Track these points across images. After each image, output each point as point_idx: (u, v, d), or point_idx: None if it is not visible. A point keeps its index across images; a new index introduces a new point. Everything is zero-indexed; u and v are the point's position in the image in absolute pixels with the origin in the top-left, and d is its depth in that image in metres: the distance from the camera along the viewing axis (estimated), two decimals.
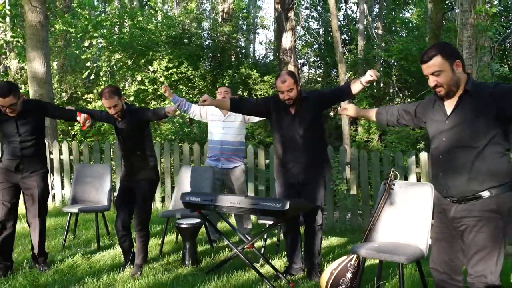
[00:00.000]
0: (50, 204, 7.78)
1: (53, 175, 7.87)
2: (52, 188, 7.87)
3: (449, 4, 7.64)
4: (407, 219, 3.71)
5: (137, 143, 4.36)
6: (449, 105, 2.73)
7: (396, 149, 9.33)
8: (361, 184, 6.44)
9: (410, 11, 17.52)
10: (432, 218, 3.16)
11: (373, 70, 3.98)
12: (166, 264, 4.64)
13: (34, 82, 7.97)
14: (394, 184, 3.81)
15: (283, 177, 4.27)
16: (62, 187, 7.88)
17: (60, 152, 7.87)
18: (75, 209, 5.33)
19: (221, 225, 6.21)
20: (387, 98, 14.85)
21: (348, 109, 3.56)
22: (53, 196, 7.89)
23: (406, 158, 6.52)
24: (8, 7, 9.56)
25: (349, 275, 3.70)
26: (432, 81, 2.68)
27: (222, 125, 5.42)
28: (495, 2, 7.69)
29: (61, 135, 11.56)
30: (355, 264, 3.72)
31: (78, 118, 4.27)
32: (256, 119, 5.46)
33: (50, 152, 7.83)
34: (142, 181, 4.35)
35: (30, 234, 4.44)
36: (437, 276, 2.88)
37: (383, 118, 3.31)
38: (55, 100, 11.18)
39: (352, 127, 13.88)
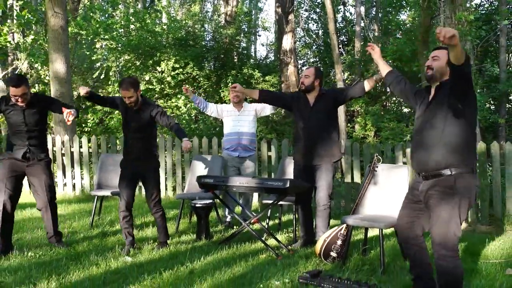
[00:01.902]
0: (71, 192, 8.55)
1: (73, 167, 8.59)
2: (72, 178, 8.60)
3: (435, 10, 8.35)
4: (387, 195, 4.44)
5: (148, 132, 4.87)
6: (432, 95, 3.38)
7: (391, 144, 10.04)
8: (354, 173, 7.15)
9: (405, 14, 18.18)
10: None
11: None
12: (183, 239, 5.36)
13: (56, 81, 8.70)
14: (377, 167, 4.54)
15: (298, 160, 5.02)
16: (82, 178, 8.61)
17: (80, 146, 8.59)
18: (107, 192, 6.03)
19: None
20: (383, 97, 15.52)
21: (374, 50, 3.97)
22: (73, 186, 8.61)
23: (394, 150, 7.23)
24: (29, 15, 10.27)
25: (339, 242, 4.42)
26: (428, 62, 3.36)
27: (238, 119, 6.15)
28: (474, 10, 8.41)
29: (79, 131, 12.26)
30: (344, 233, 4.45)
31: (64, 114, 4.64)
32: (266, 112, 6.29)
33: (70, 146, 8.56)
34: (151, 166, 4.90)
35: (43, 219, 4.86)
36: (399, 235, 3.54)
37: (390, 79, 3.81)
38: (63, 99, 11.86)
39: (349, 124, 14.61)
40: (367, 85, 4.81)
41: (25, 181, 4.95)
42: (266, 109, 6.23)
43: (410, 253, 3.50)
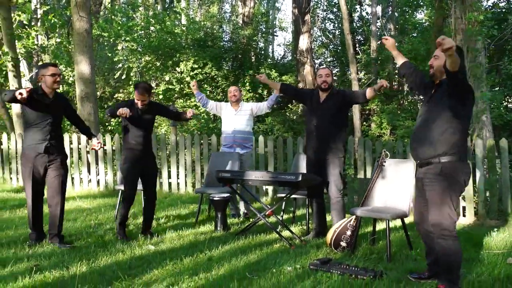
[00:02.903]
0: (95, 188, 8.95)
1: (97, 164, 8.99)
2: (97, 175, 9.00)
3: (447, 10, 8.52)
4: (394, 188, 4.69)
5: (150, 131, 5.42)
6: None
7: (407, 143, 10.23)
8: (367, 169, 7.39)
9: (422, 13, 18.25)
10: None
11: (383, 80, 5.02)
12: (202, 231, 5.68)
13: (81, 82, 9.11)
14: (385, 162, 4.79)
15: (308, 153, 5.34)
16: (105, 174, 9.00)
17: (103, 144, 8.98)
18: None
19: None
20: (399, 96, 15.64)
21: (388, 40, 4.11)
22: (98, 182, 9.01)
23: (406, 146, 7.44)
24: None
25: (348, 232, 4.69)
26: (431, 60, 3.67)
27: (234, 118, 6.54)
28: (485, 10, 8.55)
29: (103, 130, 12.69)
30: (354, 224, 4.71)
31: (92, 143, 5.21)
32: (262, 112, 6.73)
33: (87, 145, 8.95)
34: (152, 162, 5.42)
35: (52, 212, 4.85)
36: (416, 227, 3.84)
37: (403, 71, 4.02)
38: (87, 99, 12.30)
39: (365, 123, 14.80)
40: (369, 93, 5.10)
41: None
42: (262, 109, 6.64)
43: (426, 241, 3.80)
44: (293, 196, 5.70)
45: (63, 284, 3.62)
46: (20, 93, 4.28)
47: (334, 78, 19.82)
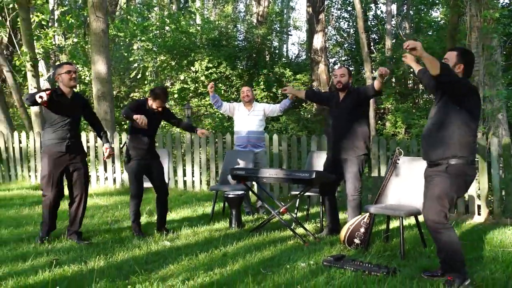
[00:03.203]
0: (112, 186, 9.07)
1: (113, 162, 9.12)
2: (113, 173, 9.13)
3: (462, 8, 8.49)
4: (408, 186, 4.70)
5: (156, 132, 5.57)
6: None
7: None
8: (381, 167, 7.39)
9: (437, 11, 18.13)
10: None
11: (382, 67, 4.94)
12: (217, 227, 5.75)
13: (98, 81, 9.25)
14: (399, 159, 4.81)
15: (327, 152, 5.39)
16: (122, 172, 9.12)
17: (119, 142, 9.11)
18: (148, 184, 6.45)
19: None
20: (415, 95, 15.58)
21: (407, 57, 3.95)
22: (114, 179, 9.14)
23: (420, 144, 7.43)
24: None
25: (362, 229, 4.71)
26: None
27: (248, 119, 6.66)
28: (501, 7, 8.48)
29: (118, 129, 12.86)
30: (367, 221, 4.73)
31: (104, 149, 5.21)
32: (274, 114, 6.87)
33: (111, 142, 9.08)
34: (157, 160, 5.50)
35: (74, 210, 4.95)
36: (426, 223, 3.87)
37: (420, 75, 3.98)
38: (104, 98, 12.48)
39: (379, 122, 14.77)
40: (376, 84, 5.05)
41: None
42: (274, 111, 6.78)
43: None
44: (307, 193, 5.74)
45: (82, 277, 3.70)
46: (41, 97, 4.35)
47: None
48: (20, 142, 9.78)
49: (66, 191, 5.10)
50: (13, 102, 13.72)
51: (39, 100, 4.38)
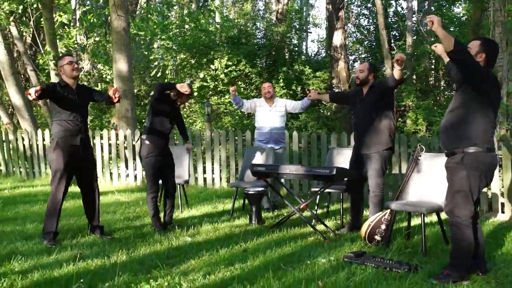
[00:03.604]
0: (133, 183, 9.17)
1: (135, 159, 9.22)
2: (134, 170, 9.23)
3: (486, 3, 8.35)
4: (429, 182, 4.66)
5: (173, 126, 5.67)
6: None
7: None
8: (402, 164, 7.33)
9: (459, 6, 17.86)
10: None
11: (397, 54, 4.80)
12: (237, 224, 5.77)
13: (119, 79, 9.36)
14: (420, 155, 4.76)
15: (354, 147, 5.36)
16: (142, 169, 9.21)
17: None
18: None
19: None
20: (436, 92, 15.37)
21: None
22: (135, 176, 9.24)
23: None
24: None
25: (383, 226, 4.68)
26: None
27: (270, 115, 6.70)
28: None
29: (139, 127, 12.99)
30: (388, 218, 4.70)
31: (109, 92, 5.02)
32: (295, 111, 6.94)
33: (132, 140, 9.18)
34: (172, 156, 5.58)
35: (90, 205, 4.97)
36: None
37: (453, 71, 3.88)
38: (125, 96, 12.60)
39: (400, 119, 14.62)
40: (396, 74, 4.93)
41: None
42: (296, 108, 6.82)
43: None
44: (327, 190, 5.72)
45: (105, 271, 3.76)
46: (29, 93, 4.28)
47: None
48: (43, 139, 9.96)
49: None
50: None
51: (29, 97, 4.34)
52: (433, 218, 5.64)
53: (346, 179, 5.34)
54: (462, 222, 3.51)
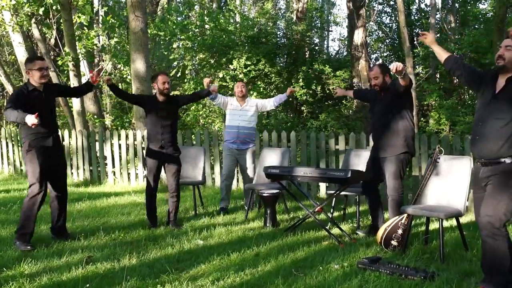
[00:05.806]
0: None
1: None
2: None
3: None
4: (448, 186, 4.49)
5: (174, 122, 5.75)
6: (499, 85, 3.45)
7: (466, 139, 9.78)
8: (422, 166, 7.13)
9: (484, 3, 17.43)
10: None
11: (393, 63, 4.49)
12: (251, 226, 5.69)
13: (136, 80, 9.36)
14: (439, 158, 4.60)
15: (372, 148, 5.25)
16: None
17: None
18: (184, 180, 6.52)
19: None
20: (460, 91, 15.02)
21: (428, 37, 3.96)
22: None
23: (464, 142, 7.11)
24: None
25: (400, 231, 4.54)
26: (500, 51, 3.41)
27: (239, 114, 6.64)
28: None
29: None
30: (405, 223, 4.55)
31: (90, 75, 4.99)
32: (267, 108, 6.93)
33: (142, 141, 9.16)
34: (177, 154, 5.63)
35: (60, 206, 4.93)
36: (480, 226, 3.51)
37: (449, 65, 3.80)
38: None
39: (423, 119, 14.33)
40: (400, 81, 4.72)
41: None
42: (266, 106, 6.81)
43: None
44: (343, 193, 5.60)
45: (113, 275, 3.73)
46: (34, 124, 4.12)
47: (391, 73, 19.32)
48: (63, 140, 10.04)
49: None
50: (58, 101, 14.14)
51: (32, 126, 4.15)
52: (453, 222, 5.46)
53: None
54: (501, 234, 3.28)
